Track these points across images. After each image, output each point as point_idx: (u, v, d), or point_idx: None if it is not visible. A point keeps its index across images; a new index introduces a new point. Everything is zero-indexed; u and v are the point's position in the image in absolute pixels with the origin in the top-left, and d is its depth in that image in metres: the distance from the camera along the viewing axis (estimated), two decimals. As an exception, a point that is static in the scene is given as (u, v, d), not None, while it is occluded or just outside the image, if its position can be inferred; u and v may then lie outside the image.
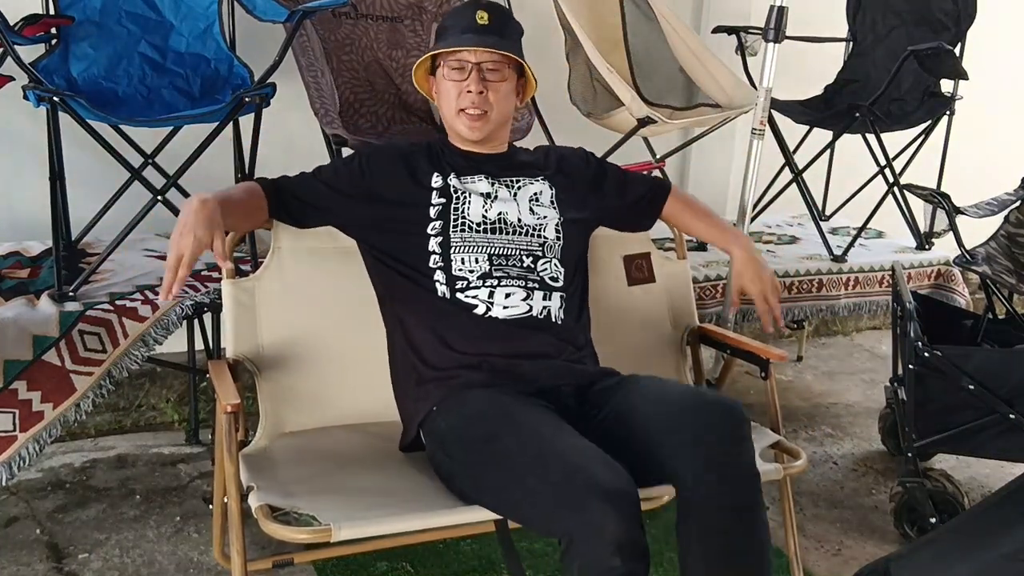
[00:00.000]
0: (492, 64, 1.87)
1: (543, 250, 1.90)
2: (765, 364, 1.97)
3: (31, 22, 2.26)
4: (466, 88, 1.87)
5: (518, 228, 1.90)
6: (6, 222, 2.65)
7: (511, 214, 1.91)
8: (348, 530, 1.46)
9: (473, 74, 1.86)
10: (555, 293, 1.86)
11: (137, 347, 2.14)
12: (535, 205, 1.95)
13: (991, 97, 3.79)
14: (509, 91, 1.92)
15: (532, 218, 1.92)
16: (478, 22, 1.87)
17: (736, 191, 2.83)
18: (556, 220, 1.94)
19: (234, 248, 1.92)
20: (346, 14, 2.75)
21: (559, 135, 2.86)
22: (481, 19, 1.87)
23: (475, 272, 1.83)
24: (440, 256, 1.84)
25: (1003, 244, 2.68)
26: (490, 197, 1.92)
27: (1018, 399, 2.14)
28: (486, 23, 1.87)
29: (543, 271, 1.87)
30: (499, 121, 1.93)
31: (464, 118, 1.89)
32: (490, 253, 1.85)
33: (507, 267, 1.85)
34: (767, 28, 2.55)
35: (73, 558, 2.13)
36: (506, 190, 1.94)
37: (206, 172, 2.34)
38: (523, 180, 1.97)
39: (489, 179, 1.94)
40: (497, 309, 1.81)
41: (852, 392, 3.39)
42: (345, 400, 1.94)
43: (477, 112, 1.88)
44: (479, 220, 1.88)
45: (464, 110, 1.88)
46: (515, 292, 1.82)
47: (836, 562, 2.28)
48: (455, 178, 1.92)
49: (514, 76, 1.92)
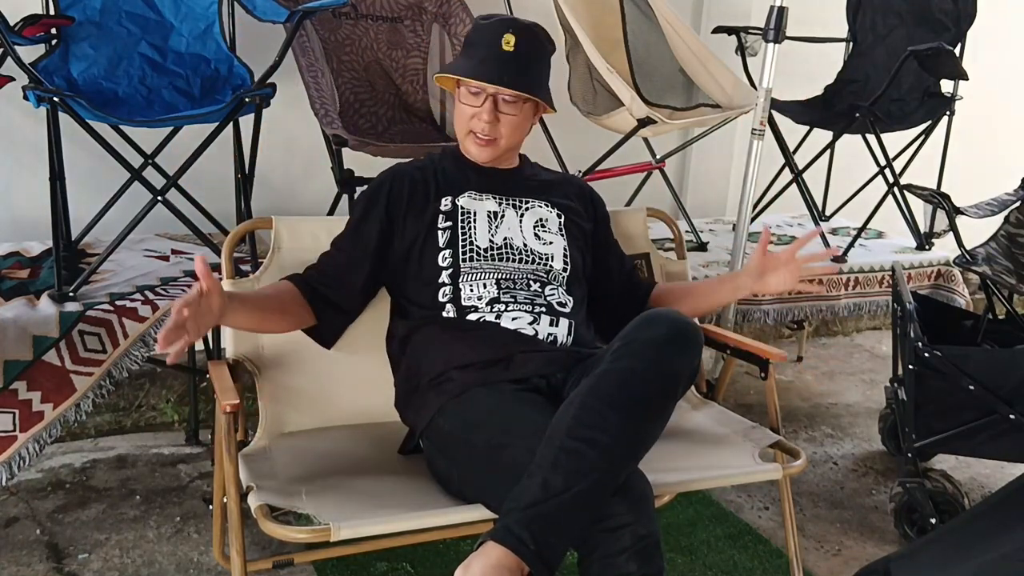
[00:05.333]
0: (509, 96, 1.85)
1: (548, 277, 1.89)
2: (765, 364, 1.97)
3: (31, 22, 2.26)
4: (479, 115, 1.86)
5: (524, 254, 1.89)
6: (6, 222, 2.65)
7: (516, 239, 1.90)
8: (348, 530, 1.46)
9: (487, 104, 1.85)
10: (563, 319, 1.83)
11: (137, 347, 2.14)
12: (540, 231, 1.93)
13: (991, 97, 3.79)
14: (522, 121, 1.90)
15: (538, 244, 1.91)
16: (503, 47, 1.83)
17: (736, 191, 2.83)
18: (563, 248, 1.93)
19: (235, 246, 1.92)
20: (346, 14, 2.75)
21: (559, 135, 2.86)
22: (507, 44, 1.83)
23: (484, 298, 1.82)
24: (451, 287, 1.84)
25: (1003, 244, 2.68)
26: (496, 217, 1.91)
27: (1018, 399, 2.14)
28: (511, 49, 1.83)
29: (550, 296, 1.86)
30: (508, 148, 1.93)
31: (473, 139, 1.89)
32: (497, 278, 1.85)
33: (515, 291, 1.84)
34: (767, 28, 2.55)
35: (73, 558, 2.13)
36: (513, 211, 1.93)
37: (206, 172, 2.34)
38: (532, 202, 1.96)
39: (497, 198, 1.93)
40: (505, 320, 1.81)
41: (852, 392, 3.39)
42: (345, 400, 1.94)
43: (486, 139, 1.88)
44: (486, 245, 1.87)
45: (474, 132, 1.88)
46: (521, 316, 1.81)
47: (836, 562, 2.28)
48: (464, 197, 1.91)
49: (532, 105, 1.90)
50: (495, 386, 1.71)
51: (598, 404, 1.47)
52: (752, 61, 3.22)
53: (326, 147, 2.53)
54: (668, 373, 1.53)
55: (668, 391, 1.54)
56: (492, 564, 1.35)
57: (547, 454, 1.44)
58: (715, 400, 2.13)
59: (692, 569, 2.19)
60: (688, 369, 1.58)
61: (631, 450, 1.49)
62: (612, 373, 1.51)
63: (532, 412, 1.62)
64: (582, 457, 1.42)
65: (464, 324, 1.81)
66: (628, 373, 1.50)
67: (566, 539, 1.42)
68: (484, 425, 1.64)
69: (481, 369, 1.74)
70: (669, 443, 1.75)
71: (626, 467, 1.48)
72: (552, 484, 1.40)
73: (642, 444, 1.51)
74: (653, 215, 2.32)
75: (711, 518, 2.41)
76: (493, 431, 1.61)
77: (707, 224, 3.50)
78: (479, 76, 1.83)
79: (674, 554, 2.23)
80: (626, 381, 1.50)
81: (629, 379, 1.50)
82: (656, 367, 1.52)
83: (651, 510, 1.48)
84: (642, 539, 1.43)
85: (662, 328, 1.55)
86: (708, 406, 2.10)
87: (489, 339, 1.78)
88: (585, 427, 1.45)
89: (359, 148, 2.43)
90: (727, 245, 3.00)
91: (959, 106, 3.22)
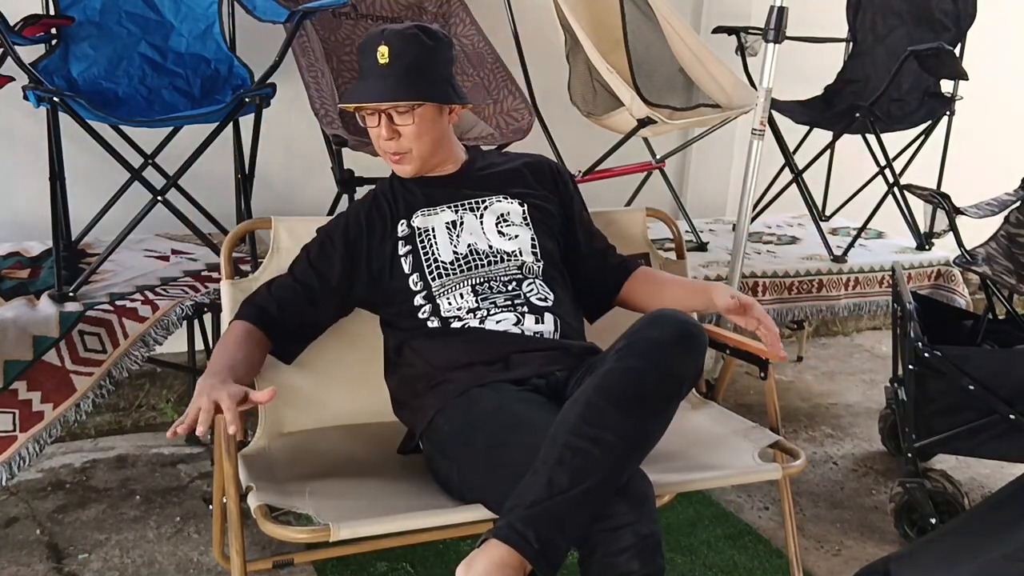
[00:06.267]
0: (402, 107, 1.80)
1: (523, 272, 1.86)
2: (765, 364, 1.97)
3: (31, 22, 2.26)
4: (379, 133, 1.84)
5: (492, 256, 1.86)
6: (6, 222, 2.65)
7: (480, 243, 1.87)
8: (348, 530, 1.46)
9: (383, 121, 1.81)
10: (547, 314, 1.82)
11: (137, 347, 2.14)
12: (504, 226, 1.90)
13: (991, 97, 3.79)
14: (424, 125, 1.83)
15: (503, 241, 1.88)
16: (379, 61, 1.78)
17: (736, 191, 2.83)
18: (530, 239, 1.90)
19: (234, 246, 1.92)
20: (346, 14, 2.75)
21: (559, 135, 2.86)
22: (382, 57, 1.78)
23: (463, 308, 1.81)
24: (429, 306, 1.83)
25: (1003, 244, 2.68)
26: (455, 225, 1.88)
27: (1018, 399, 2.14)
28: (386, 61, 1.78)
29: (529, 292, 1.84)
30: (426, 154, 1.87)
31: (389, 159, 1.88)
32: (472, 285, 1.83)
33: (492, 295, 1.82)
34: (767, 28, 2.55)
35: (73, 558, 2.13)
36: (471, 214, 1.90)
37: (206, 172, 2.34)
38: (488, 198, 1.93)
39: (452, 206, 1.91)
40: (490, 323, 1.80)
41: (852, 392, 3.39)
42: (344, 400, 1.94)
43: (397, 155, 1.86)
44: (451, 258, 1.85)
45: (386, 152, 1.87)
46: (505, 318, 1.80)
47: (836, 562, 2.28)
48: (418, 216, 1.89)
49: (433, 108, 1.83)
50: (495, 386, 1.71)
51: (603, 403, 1.47)
52: (752, 61, 3.22)
53: (326, 147, 2.53)
54: (672, 374, 1.53)
55: (672, 391, 1.54)
56: (495, 562, 1.35)
57: (551, 452, 1.44)
58: (715, 400, 2.13)
59: (692, 569, 2.19)
60: (692, 370, 1.58)
61: (635, 449, 1.49)
62: (617, 372, 1.51)
63: (533, 411, 1.62)
64: (587, 455, 1.42)
65: (452, 331, 1.81)
66: (633, 373, 1.50)
67: (569, 538, 1.42)
68: (485, 424, 1.64)
69: (480, 369, 1.74)
70: (669, 443, 1.74)
71: (630, 466, 1.48)
72: (557, 482, 1.40)
73: (646, 443, 1.51)
74: (653, 215, 2.31)
75: (711, 518, 2.41)
76: (494, 430, 1.61)
77: (707, 224, 3.50)
78: (359, 99, 1.82)
79: (674, 554, 2.23)
80: (631, 381, 1.50)
81: (634, 379, 1.50)
82: (661, 367, 1.52)
83: (652, 510, 1.48)
84: (643, 539, 1.43)
85: (668, 328, 1.55)
86: (708, 406, 2.10)
87: (482, 341, 1.78)
88: (590, 426, 1.45)
89: (359, 148, 2.42)
90: (727, 245, 3.00)
91: (959, 106, 3.22)
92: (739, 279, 2.70)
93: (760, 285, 2.89)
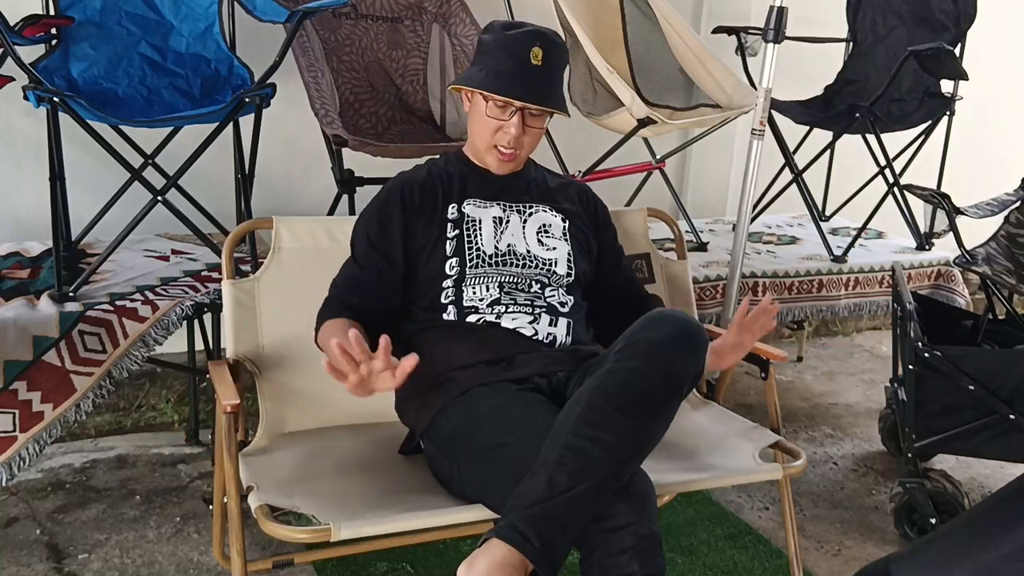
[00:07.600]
0: (536, 111, 1.83)
1: (550, 280, 1.89)
2: (765, 364, 1.97)
3: (31, 22, 2.26)
4: (505, 128, 1.83)
5: (527, 260, 1.89)
6: (6, 222, 2.65)
7: (519, 246, 1.90)
8: (348, 530, 1.46)
9: (515, 118, 1.82)
10: (562, 319, 1.84)
11: (137, 347, 2.14)
12: (544, 236, 1.93)
13: (991, 97, 3.79)
14: (542, 131, 1.89)
15: (541, 250, 1.91)
16: (532, 61, 1.80)
17: (736, 191, 2.83)
18: (567, 253, 1.92)
19: (235, 246, 1.92)
20: (346, 14, 2.75)
21: (559, 135, 2.86)
22: (535, 58, 1.80)
23: (485, 299, 1.83)
24: (454, 290, 1.84)
25: (1003, 244, 2.68)
26: (501, 223, 1.91)
27: (1018, 399, 2.14)
28: (539, 63, 1.81)
29: (551, 296, 1.87)
30: (527, 156, 1.94)
31: (496, 153, 1.88)
32: (501, 281, 1.85)
33: (516, 293, 1.84)
34: (767, 28, 2.55)
35: (73, 558, 2.13)
36: (517, 217, 1.93)
37: (206, 172, 2.34)
38: (536, 207, 1.96)
39: (501, 204, 1.93)
40: (505, 320, 1.81)
41: (852, 392, 3.39)
42: (345, 400, 1.92)
43: (510, 152, 1.87)
44: (491, 251, 1.87)
45: (497, 146, 1.86)
46: (521, 316, 1.81)
47: (836, 562, 2.28)
48: (469, 204, 1.90)
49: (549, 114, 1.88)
50: (496, 386, 1.71)
51: (603, 403, 1.47)
52: (752, 61, 3.22)
53: (326, 147, 2.53)
54: (673, 373, 1.53)
55: (673, 391, 1.54)
56: (496, 561, 1.35)
57: (552, 452, 1.44)
58: (715, 400, 2.13)
59: (692, 569, 2.19)
60: (693, 370, 1.58)
61: (636, 449, 1.49)
62: (617, 373, 1.51)
63: (534, 411, 1.62)
64: (587, 455, 1.42)
65: (464, 326, 1.81)
66: (633, 373, 1.50)
67: (570, 537, 1.42)
68: (486, 424, 1.64)
69: (482, 369, 1.74)
70: (669, 443, 1.74)
71: (630, 466, 1.48)
72: (557, 482, 1.40)
73: (646, 443, 1.51)
74: (653, 215, 2.32)
75: (711, 518, 2.41)
76: (495, 430, 1.61)
77: (707, 224, 3.50)
78: (512, 94, 1.80)
79: (674, 554, 2.23)
80: (631, 381, 1.50)
81: (634, 379, 1.50)
82: (661, 367, 1.52)
83: (653, 510, 1.49)
84: (644, 539, 1.43)
85: (668, 328, 1.55)
86: (708, 406, 2.10)
87: (489, 340, 1.78)
88: (590, 426, 1.45)
89: (359, 148, 2.43)
90: (727, 245, 3.00)
91: (959, 106, 3.22)
92: (739, 279, 2.70)
93: (760, 285, 2.89)
